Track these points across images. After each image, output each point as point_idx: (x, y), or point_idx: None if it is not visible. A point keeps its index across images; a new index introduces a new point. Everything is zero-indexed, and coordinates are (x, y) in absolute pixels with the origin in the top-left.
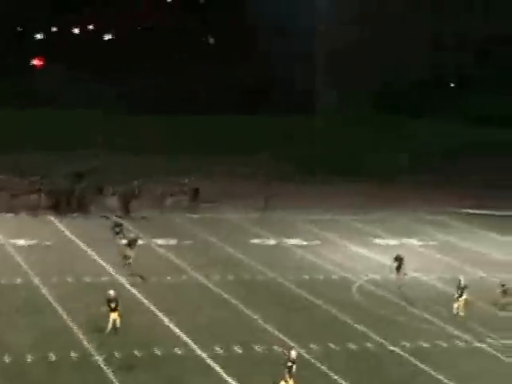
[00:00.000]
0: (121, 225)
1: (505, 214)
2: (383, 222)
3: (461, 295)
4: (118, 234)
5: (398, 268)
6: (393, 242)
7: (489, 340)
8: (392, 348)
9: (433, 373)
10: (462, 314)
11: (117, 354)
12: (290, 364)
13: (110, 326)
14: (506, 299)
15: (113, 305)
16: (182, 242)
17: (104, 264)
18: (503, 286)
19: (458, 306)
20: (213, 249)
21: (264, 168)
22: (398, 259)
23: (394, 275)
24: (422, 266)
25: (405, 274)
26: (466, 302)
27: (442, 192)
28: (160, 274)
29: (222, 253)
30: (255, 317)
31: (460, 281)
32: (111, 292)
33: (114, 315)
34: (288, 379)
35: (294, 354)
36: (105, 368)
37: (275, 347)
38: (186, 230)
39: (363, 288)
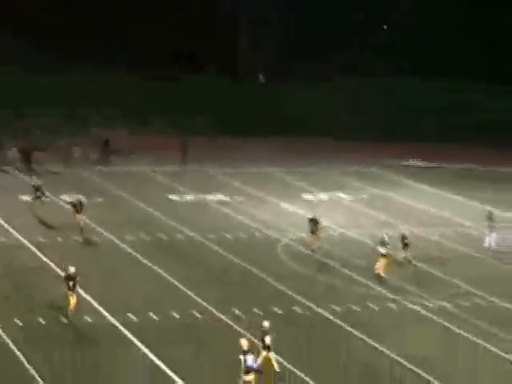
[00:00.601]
0: (40, 187)
1: (438, 165)
2: (313, 175)
3: (384, 254)
4: (39, 197)
5: (314, 231)
6: (322, 196)
7: (423, 302)
8: (320, 311)
9: (364, 337)
10: (382, 273)
11: (19, 322)
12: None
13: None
14: (406, 252)
15: (71, 283)
16: (90, 198)
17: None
18: (404, 238)
19: (379, 264)
20: (125, 206)
21: (181, 119)
22: (313, 221)
23: (308, 238)
24: (351, 222)
25: (318, 239)
26: (388, 259)
27: (376, 146)
28: (67, 234)
29: (136, 210)
30: (173, 280)
31: (384, 238)
32: (71, 268)
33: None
34: (263, 350)
35: (266, 324)
36: (4, 336)
37: (194, 312)
38: (96, 185)
39: (289, 247)
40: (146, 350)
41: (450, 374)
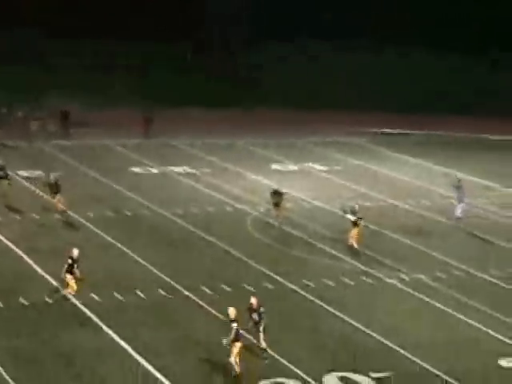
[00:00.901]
0: (4, 167)
1: (417, 132)
2: (283, 145)
3: (355, 224)
4: (1, 178)
5: (277, 204)
6: (293, 167)
7: (400, 275)
8: (293, 287)
9: (339, 313)
10: (355, 244)
11: None
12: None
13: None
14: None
15: (69, 261)
16: (50, 173)
17: None
18: (277, 193)
19: (352, 235)
20: (87, 180)
21: (144, 90)
22: (276, 193)
23: (273, 211)
24: (324, 194)
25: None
26: (360, 229)
27: (353, 115)
28: (27, 211)
29: (98, 185)
30: (139, 259)
31: (354, 207)
32: (75, 251)
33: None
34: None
35: (254, 300)
36: None
37: (161, 291)
38: (55, 160)
39: (259, 220)
40: (110, 332)
41: (426, 346)
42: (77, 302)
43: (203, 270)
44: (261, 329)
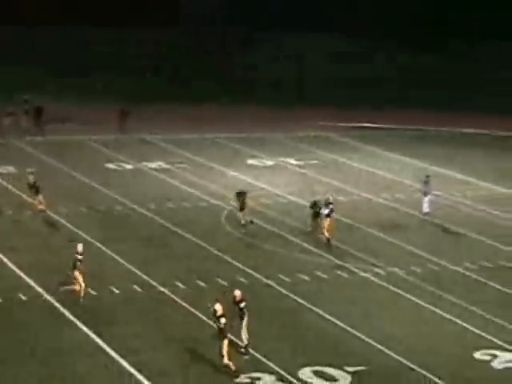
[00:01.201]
0: None
1: (393, 128)
2: (259, 141)
3: (328, 215)
4: None
5: (242, 207)
6: (268, 162)
7: (374, 269)
8: (268, 281)
9: (314, 308)
10: (327, 235)
11: None
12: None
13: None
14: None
15: (80, 257)
16: (23, 169)
17: None
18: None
19: (325, 225)
20: (61, 176)
21: (117, 84)
22: (241, 194)
23: (238, 214)
24: (299, 189)
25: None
26: (332, 221)
27: (328, 109)
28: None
29: (72, 181)
30: (113, 254)
31: (328, 198)
32: (79, 246)
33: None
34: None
35: (238, 293)
36: None
37: (136, 287)
38: (28, 156)
39: (233, 215)
40: (85, 328)
41: (402, 340)
42: (51, 299)
43: (177, 266)
44: (244, 324)
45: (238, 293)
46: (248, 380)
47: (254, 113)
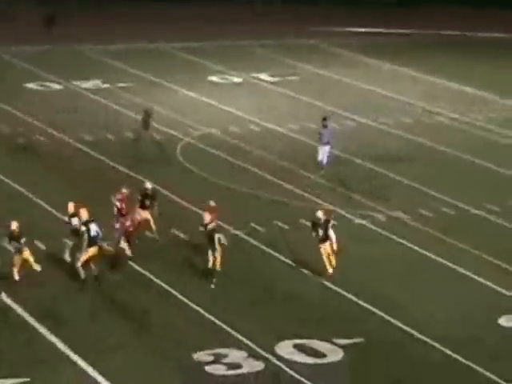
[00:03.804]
0: None
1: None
2: (222, 50)
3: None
4: None
5: (146, 126)
6: (235, 79)
7: (373, 213)
8: (238, 232)
9: (295, 265)
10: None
11: None
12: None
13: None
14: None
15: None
16: None
17: None
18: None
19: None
20: None
21: None
22: (147, 114)
23: (142, 132)
24: (276, 113)
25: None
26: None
27: (310, 9)
28: None
29: None
30: (37, 200)
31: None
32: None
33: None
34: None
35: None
36: None
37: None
38: None
39: (193, 148)
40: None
41: (406, 304)
42: None
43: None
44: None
45: (148, 185)
46: (211, 357)
47: (217, 12)
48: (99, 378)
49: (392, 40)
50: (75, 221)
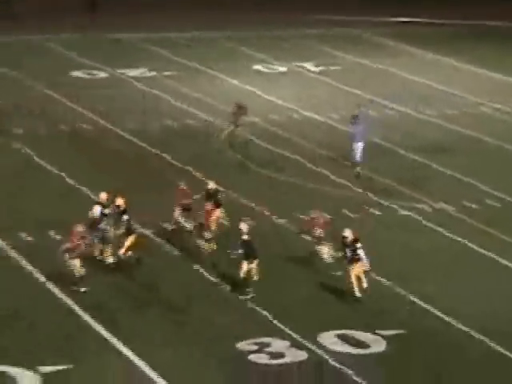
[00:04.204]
0: None
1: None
2: (268, 40)
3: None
4: None
5: (236, 122)
6: (280, 68)
7: (418, 205)
8: (281, 221)
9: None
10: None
11: None
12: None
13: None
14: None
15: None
16: None
17: None
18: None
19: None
20: (14, 87)
21: None
22: (240, 111)
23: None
24: (318, 101)
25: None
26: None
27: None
28: None
29: (29, 92)
30: (77, 185)
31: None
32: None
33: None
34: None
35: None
36: None
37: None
38: None
39: (237, 137)
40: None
41: (451, 296)
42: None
43: (160, 203)
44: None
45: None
46: (254, 347)
47: (261, 4)
48: (146, 369)
49: (435, 30)
50: (108, 210)
